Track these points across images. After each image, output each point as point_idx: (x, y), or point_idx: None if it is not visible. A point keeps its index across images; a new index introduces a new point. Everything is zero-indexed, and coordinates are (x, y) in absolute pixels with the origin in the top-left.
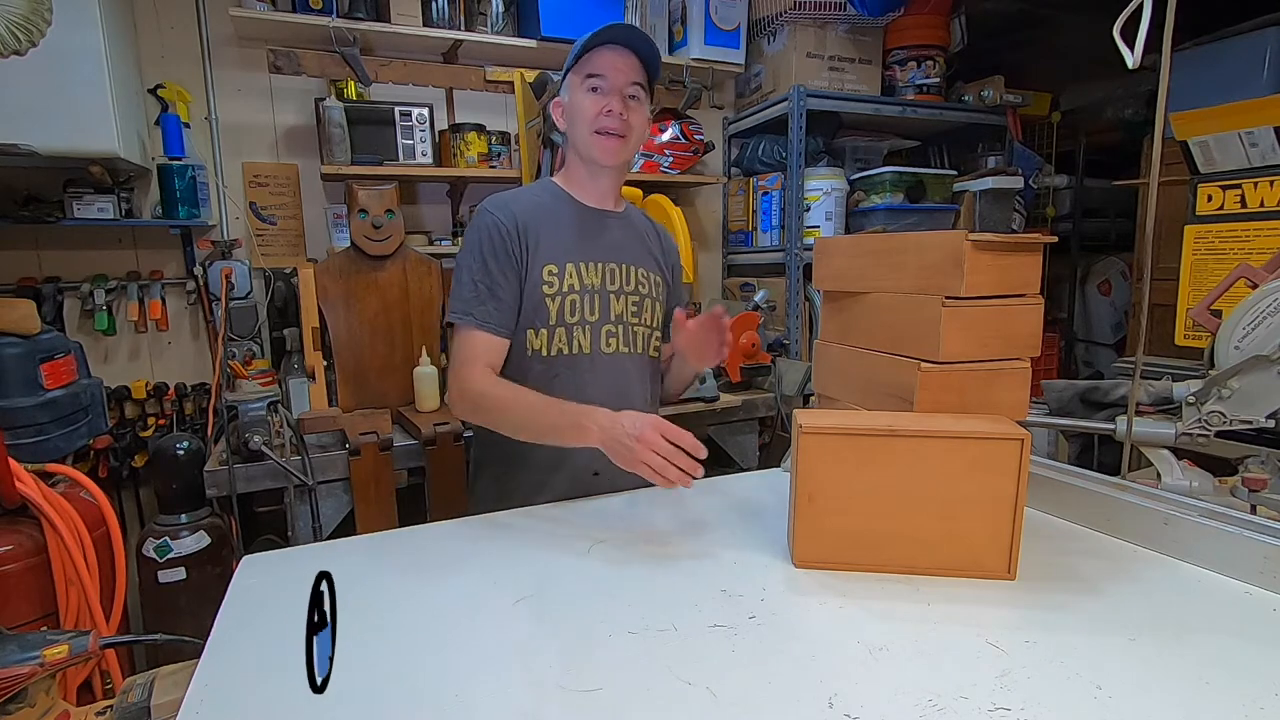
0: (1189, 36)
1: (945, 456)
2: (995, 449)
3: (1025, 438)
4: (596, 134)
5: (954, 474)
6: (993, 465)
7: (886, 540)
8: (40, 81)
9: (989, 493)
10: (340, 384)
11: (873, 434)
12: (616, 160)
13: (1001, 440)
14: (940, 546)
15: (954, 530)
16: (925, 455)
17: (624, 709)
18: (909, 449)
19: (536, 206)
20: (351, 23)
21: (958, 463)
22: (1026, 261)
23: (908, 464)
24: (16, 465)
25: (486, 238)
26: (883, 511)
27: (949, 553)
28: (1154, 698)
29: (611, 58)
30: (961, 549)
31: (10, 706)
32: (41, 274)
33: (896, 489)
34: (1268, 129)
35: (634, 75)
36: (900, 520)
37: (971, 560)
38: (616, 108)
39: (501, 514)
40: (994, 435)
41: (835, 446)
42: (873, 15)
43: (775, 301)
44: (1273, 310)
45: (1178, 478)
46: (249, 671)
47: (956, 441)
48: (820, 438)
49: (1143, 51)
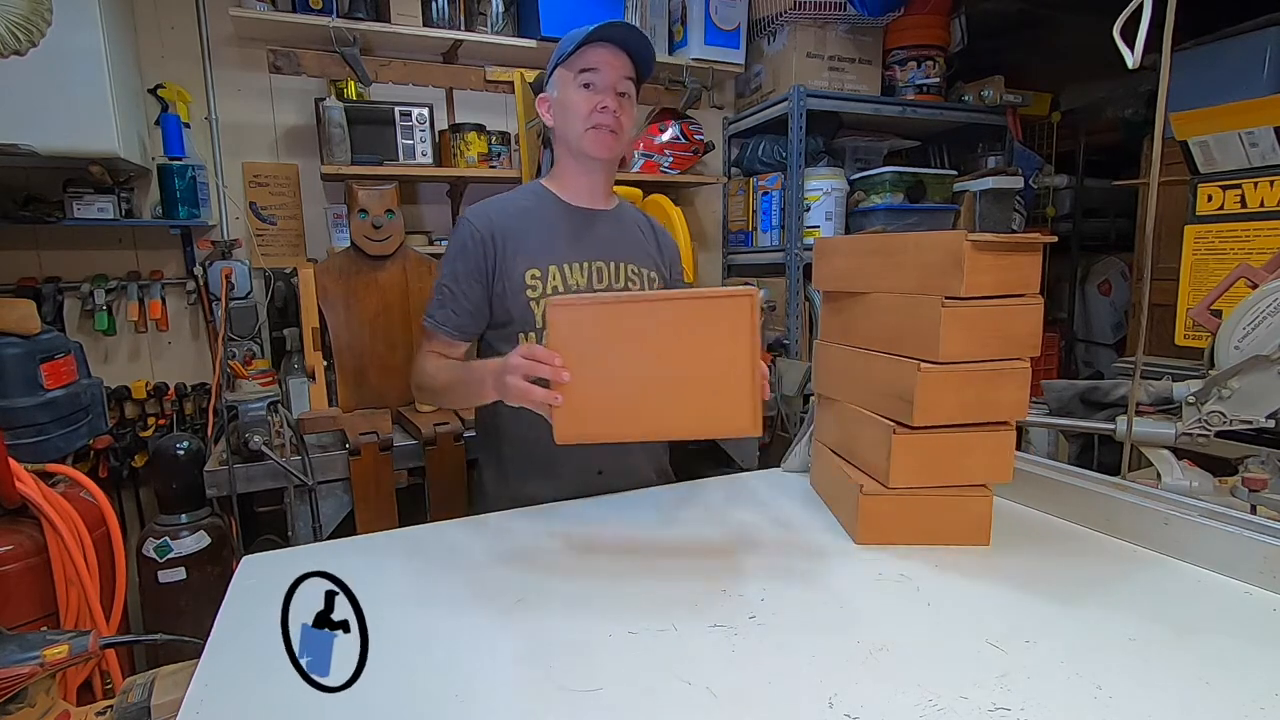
0: (1189, 36)
1: (680, 319)
2: (725, 307)
3: (753, 294)
4: (589, 130)
5: (690, 336)
6: (724, 324)
7: (641, 408)
8: (40, 81)
9: (724, 351)
10: (340, 384)
11: (614, 303)
12: (609, 154)
13: (730, 299)
14: (689, 408)
15: (699, 391)
16: (662, 319)
17: (624, 709)
18: (647, 314)
19: (518, 212)
20: (351, 23)
21: (692, 324)
22: (1026, 261)
23: (649, 330)
24: (16, 465)
25: (459, 246)
26: (632, 379)
27: (698, 413)
28: (1154, 698)
29: (605, 54)
30: (708, 408)
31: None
32: (41, 274)
33: (642, 357)
34: (1268, 129)
35: (626, 72)
36: (650, 387)
37: (718, 418)
38: (611, 104)
39: (501, 514)
40: (722, 295)
41: (580, 318)
42: (873, 15)
43: (775, 301)
44: (1273, 310)
45: (1178, 478)
46: (249, 671)
47: (688, 302)
48: (569, 309)
49: (1143, 51)
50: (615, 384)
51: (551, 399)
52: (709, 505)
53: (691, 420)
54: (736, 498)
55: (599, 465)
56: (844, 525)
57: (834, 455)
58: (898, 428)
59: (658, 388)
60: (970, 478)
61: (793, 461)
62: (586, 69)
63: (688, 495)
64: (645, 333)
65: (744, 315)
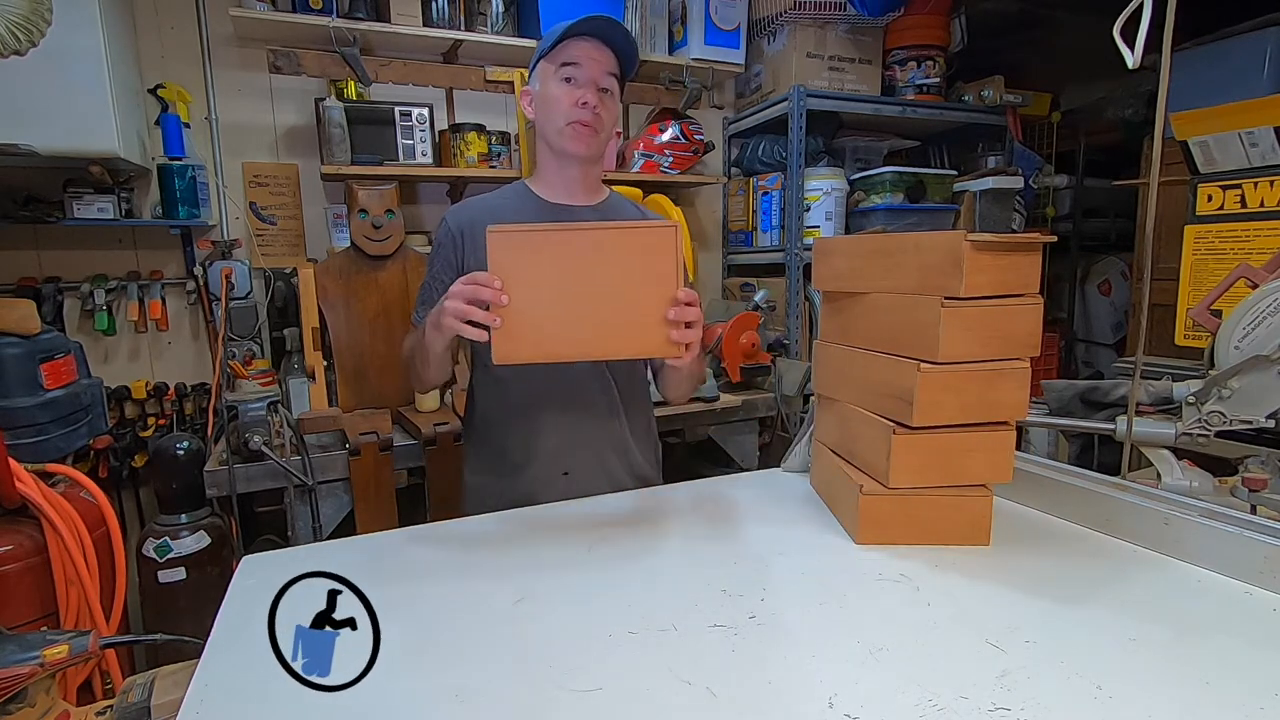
0: (1189, 36)
1: (609, 247)
2: (652, 235)
3: (677, 226)
4: (568, 125)
5: (619, 263)
6: (649, 252)
7: (574, 330)
8: (40, 81)
9: (648, 277)
10: (340, 384)
11: (549, 230)
12: (587, 150)
13: (654, 229)
14: (617, 330)
15: (625, 315)
16: (593, 247)
17: (624, 709)
18: (579, 242)
19: (492, 210)
20: (351, 23)
21: (621, 252)
22: (1026, 261)
23: (580, 258)
24: (16, 465)
25: (437, 245)
26: (566, 304)
27: (624, 335)
28: (1154, 698)
29: (587, 48)
30: (632, 331)
31: (10, 706)
32: (41, 274)
33: (575, 282)
34: (1268, 129)
35: (609, 68)
36: (582, 311)
37: (640, 340)
38: (591, 100)
39: (501, 514)
40: (647, 225)
41: (516, 245)
42: (873, 15)
43: (775, 301)
44: (1273, 310)
45: (1178, 478)
46: (249, 671)
47: (616, 232)
48: (506, 236)
49: (1143, 51)
50: (550, 308)
51: (491, 320)
52: (709, 505)
53: (618, 342)
54: (736, 498)
55: (565, 466)
56: (844, 525)
57: (834, 455)
58: (898, 428)
59: (589, 311)
60: (970, 478)
61: (793, 461)
62: (568, 63)
63: (687, 495)
64: (577, 260)
65: (667, 244)
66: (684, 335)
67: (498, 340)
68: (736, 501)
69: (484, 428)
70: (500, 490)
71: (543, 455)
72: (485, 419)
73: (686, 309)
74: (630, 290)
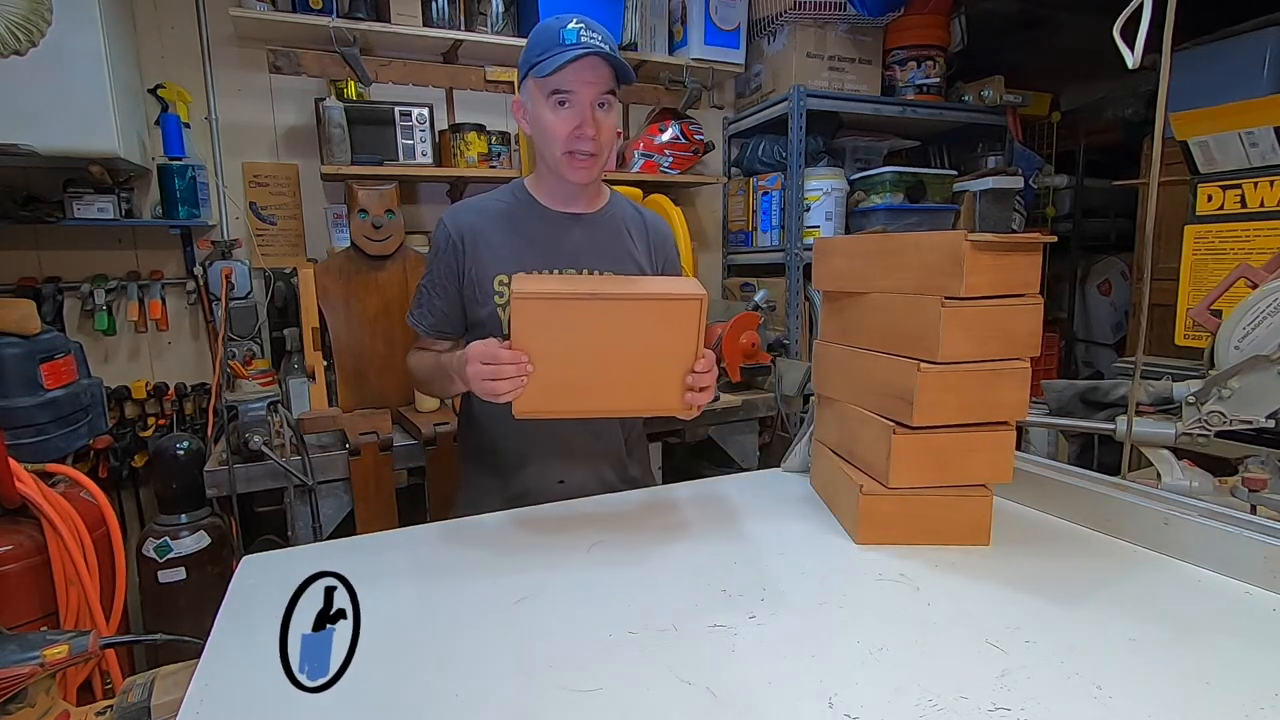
0: (1189, 36)
1: (634, 316)
2: (677, 308)
3: (702, 297)
4: (565, 154)
5: (643, 330)
6: (673, 322)
7: (592, 388)
8: (40, 81)
9: (670, 345)
10: (340, 384)
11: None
12: (588, 179)
13: (682, 300)
14: (634, 390)
15: (645, 377)
16: (618, 315)
17: (624, 709)
18: (604, 310)
19: (492, 214)
20: (351, 23)
21: (645, 321)
22: (1026, 261)
23: (605, 324)
24: (16, 465)
25: (435, 248)
26: (586, 364)
27: (641, 395)
28: (1154, 698)
29: (580, 72)
30: (650, 392)
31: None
32: (41, 274)
33: (597, 345)
34: (1268, 129)
35: (603, 86)
36: (602, 371)
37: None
38: (589, 130)
39: (501, 514)
40: (676, 296)
41: (542, 311)
42: (873, 15)
43: (775, 301)
44: (1273, 310)
45: (1178, 478)
46: (249, 671)
47: (642, 303)
48: (532, 303)
49: (1143, 51)
50: (571, 367)
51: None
52: (709, 505)
53: (635, 401)
54: (736, 498)
55: (560, 475)
56: (844, 525)
57: (834, 455)
58: (898, 428)
59: (608, 372)
60: (970, 478)
61: (793, 461)
62: (559, 90)
63: (688, 495)
64: (601, 325)
65: (691, 316)
66: (696, 398)
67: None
68: (736, 501)
69: (480, 433)
70: (496, 492)
71: (538, 463)
72: (481, 424)
73: (703, 375)
74: (652, 357)
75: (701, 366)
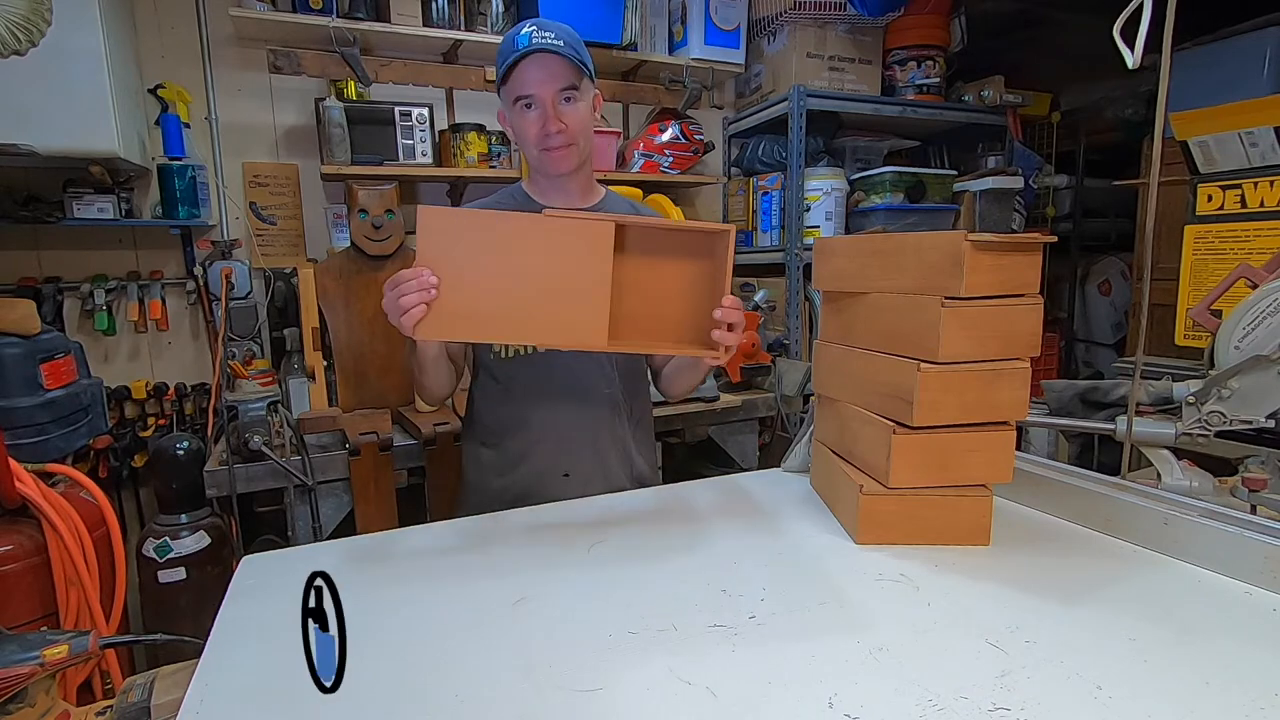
0: (1189, 36)
1: (546, 236)
2: (590, 229)
3: (613, 220)
4: (542, 151)
5: (555, 253)
6: (585, 245)
7: (503, 313)
8: (40, 81)
9: (585, 269)
10: (340, 384)
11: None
12: (570, 167)
13: (594, 222)
14: (549, 318)
15: (558, 304)
16: (529, 234)
17: (624, 709)
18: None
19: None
20: (351, 23)
21: (557, 243)
22: (1026, 261)
23: (516, 243)
24: (16, 465)
25: None
26: (497, 286)
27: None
28: (1154, 698)
29: (534, 72)
30: (565, 320)
31: (10, 706)
32: (41, 274)
33: (508, 267)
34: (1268, 129)
35: (561, 81)
36: (513, 295)
37: (573, 330)
38: (552, 126)
39: (501, 514)
40: (585, 219)
41: (449, 224)
42: (873, 15)
43: (775, 301)
44: (1273, 310)
45: (1178, 478)
46: (249, 671)
47: (554, 222)
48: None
49: (1143, 51)
50: (480, 288)
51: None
52: (709, 505)
53: (550, 330)
54: (736, 498)
55: (565, 469)
56: (844, 525)
57: (834, 455)
58: (898, 428)
59: (520, 296)
60: (970, 478)
61: (793, 461)
62: (521, 96)
63: (687, 495)
64: (512, 244)
65: (604, 240)
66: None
67: (428, 322)
68: (737, 501)
69: (484, 429)
70: (499, 490)
71: (543, 457)
72: (485, 420)
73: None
74: (566, 280)
75: (728, 302)
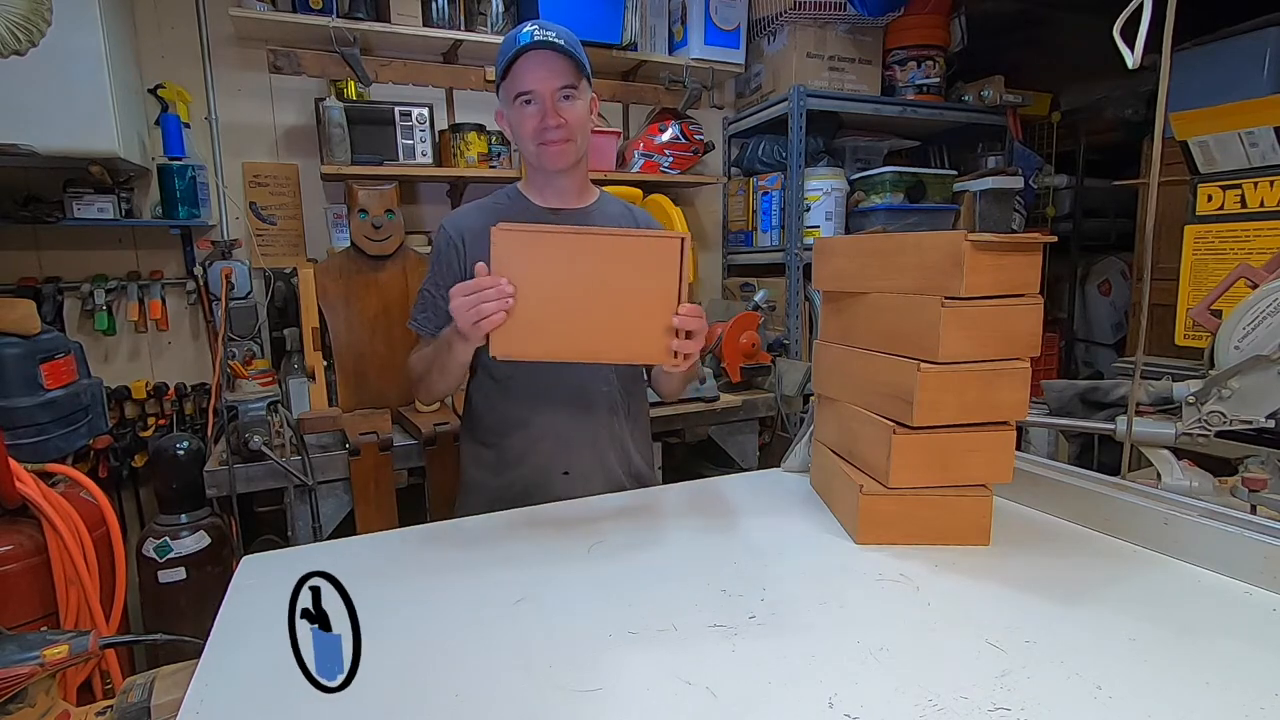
0: (1189, 36)
1: (615, 253)
2: (658, 246)
3: (684, 237)
4: (539, 146)
5: (623, 269)
6: (657, 262)
7: (572, 331)
8: (40, 81)
9: (652, 286)
10: (340, 384)
11: (555, 232)
12: (567, 163)
13: (661, 240)
14: (615, 335)
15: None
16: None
17: (624, 709)
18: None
19: (486, 214)
20: (351, 23)
21: (626, 259)
22: (1026, 261)
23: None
24: (16, 465)
25: (436, 252)
26: (566, 305)
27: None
28: (1154, 698)
29: (534, 69)
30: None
31: (10, 706)
32: (41, 274)
33: (577, 285)
34: (1268, 129)
35: (561, 79)
36: (581, 313)
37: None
38: (551, 121)
39: (501, 514)
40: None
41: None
42: (873, 15)
43: (775, 301)
44: (1273, 310)
45: (1178, 478)
46: (249, 671)
47: (623, 240)
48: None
49: (1143, 51)
50: (549, 307)
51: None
52: (709, 505)
53: (616, 347)
54: (736, 497)
55: (564, 466)
56: (844, 525)
57: (834, 455)
58: (898, 428)
59: (588, 314)
60: (970, 478)
61: (793, 461)
62: (521, 92)
63: (687, 495)
64: (581, 263)
65: (672, 255)
66: (684, 345)
67: (496, 336)
68: (736, 501)
69: (483, 428)
70: (499, 489)
71: (542, 455)
72: (484, 419)
73: (690, 320)
74: (634, 299)
75: (687, 310)
